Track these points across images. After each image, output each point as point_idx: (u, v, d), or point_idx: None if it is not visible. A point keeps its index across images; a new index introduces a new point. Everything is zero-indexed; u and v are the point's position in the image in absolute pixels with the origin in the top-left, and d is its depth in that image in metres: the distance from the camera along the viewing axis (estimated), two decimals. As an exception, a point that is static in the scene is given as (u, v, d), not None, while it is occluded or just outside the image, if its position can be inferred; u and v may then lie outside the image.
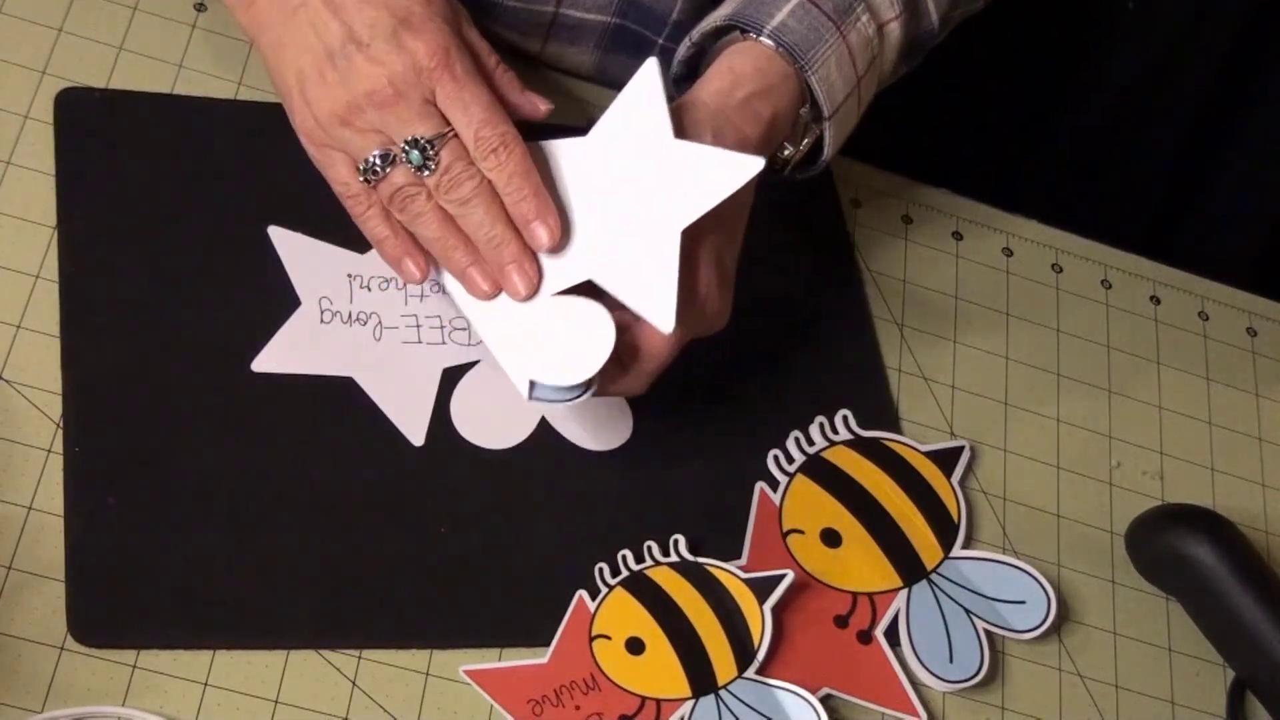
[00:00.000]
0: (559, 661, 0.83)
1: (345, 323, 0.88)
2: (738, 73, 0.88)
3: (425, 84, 0.82)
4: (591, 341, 0.82)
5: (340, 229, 0.90)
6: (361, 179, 0.83)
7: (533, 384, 0.83)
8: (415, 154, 0.82)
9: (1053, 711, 0.91)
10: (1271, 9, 1.43)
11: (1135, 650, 0.95)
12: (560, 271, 0.83)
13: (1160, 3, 1.43)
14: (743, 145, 0.86)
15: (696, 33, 0.92)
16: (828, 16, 0.89)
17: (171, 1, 0.95)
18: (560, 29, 1.01)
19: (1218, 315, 1.10)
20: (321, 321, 0.88)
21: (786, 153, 0.91)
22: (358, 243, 0.90)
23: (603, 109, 0.84)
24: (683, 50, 0.93)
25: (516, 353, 0.83)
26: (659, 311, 0.81)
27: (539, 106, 0.87)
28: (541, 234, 0.82)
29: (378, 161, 0.82)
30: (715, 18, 0.91)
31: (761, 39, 0.88)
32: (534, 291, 0.83)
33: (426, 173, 0.82)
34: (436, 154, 0.82)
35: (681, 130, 0.84)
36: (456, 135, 0.82)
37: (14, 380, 0.82)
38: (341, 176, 0.84)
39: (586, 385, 0.82)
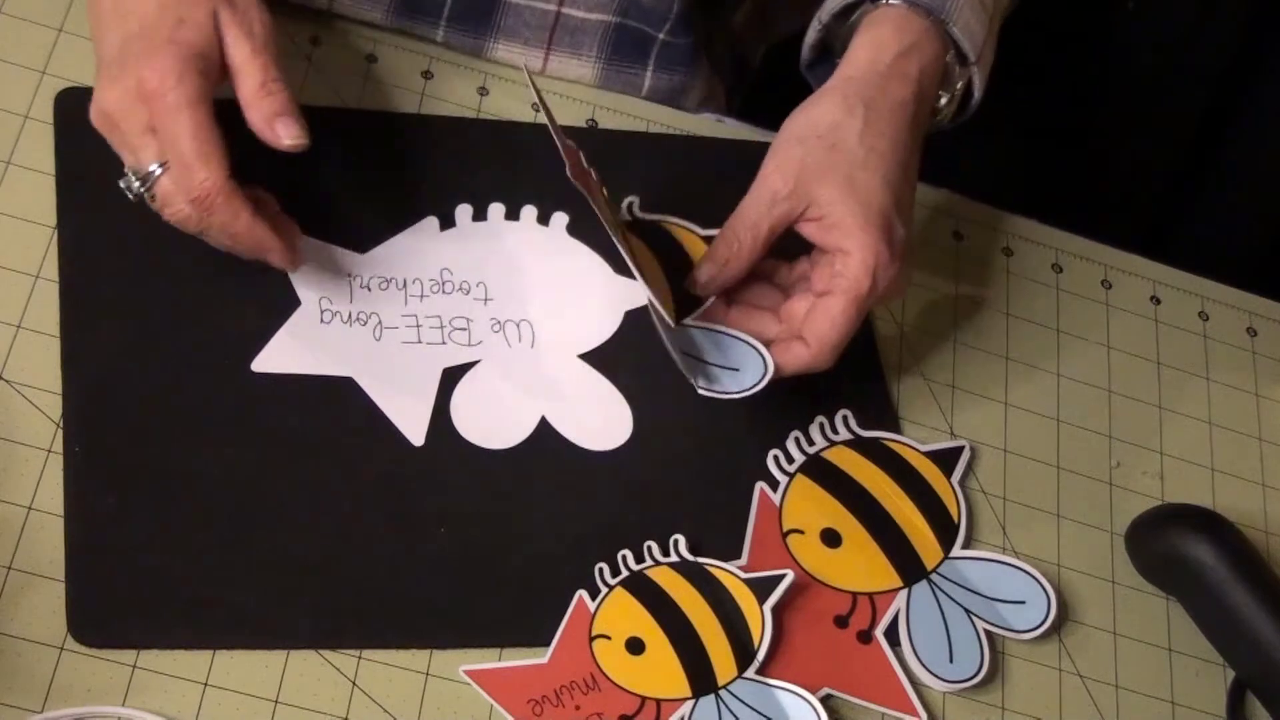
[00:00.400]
0: (559, 661, 0.83)
1: (345, 323, 0.88)
2: (880, 41, 0.90)
3: (143, 109, 0.80)
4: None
5: (340, 229, 0.90)
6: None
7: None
8: (137, 184, 0.82)
9: (1053, 711, 0.91)
10: (1271, 9, 1.43)
11: (1135, 650, 0.95)
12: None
13: (1160, 3, 1.43)
14: (900, 107, 0.89)
15: (825, 13, 0.94)
16: None
17: (171, 1, 0.95)
18: (563, 31, 1.01)
19: (1218, 315, 1.10)
20: (321, 321, 0.88)
21: (943, 102, 0.93)
22: (358, 243, 0.91)
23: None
24: (812, 34, 0.95)
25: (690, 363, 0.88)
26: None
27: (281, 139, 0.83)
28: (276, 260, 0.84)
29: (136, 184, 0.82)
30: None
31: (893, 2, 0.90)
32: (296, 265, 0.86)
33: (153, 202, 0.81)
34: (152, 187, 0.81)
35: (838, 110, 0.88)
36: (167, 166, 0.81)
37: (14, 380, 0.82)
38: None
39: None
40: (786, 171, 0.88)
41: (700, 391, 0.88)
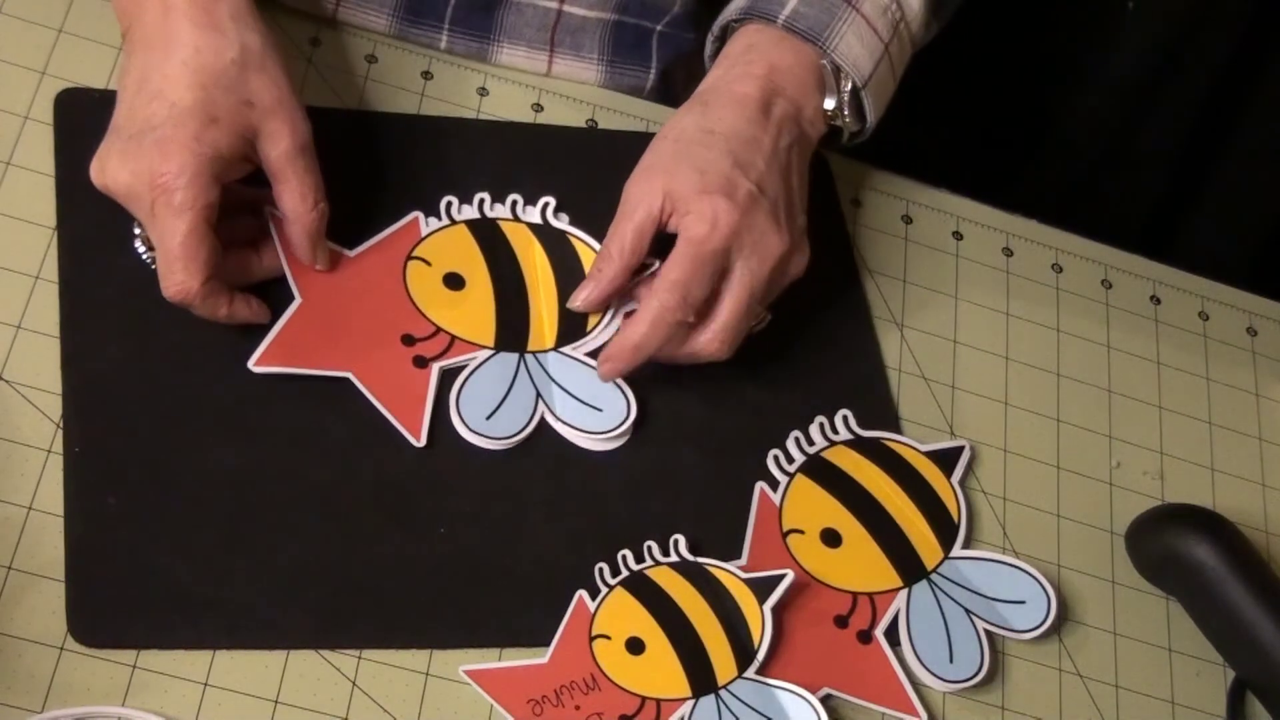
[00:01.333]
0: (559, 661, 0.83)
1: (345, 323, 0.88)
2: (730, 52, 0.94)
3: (150, 196, 0.81)
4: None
5: (339, 229, 0.90)
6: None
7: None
8: (144, 248, 0.85)
9: (1053, 711, 0.91)
10: (1272, 9, 1.42)
11: (1135, 650, 0.95)
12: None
13: (1160, 3, 1.43)
14: (742, 99, 0.91)
15: (716, 26, 0.96)
16: None
17: (171, 1, 0.95)
18: (564, 31, 1.02)
19: (1218, 315, 1.10)
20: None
21: (829, 105, 0.94)
22: (356, 242, 0.91)
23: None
24: (709, 47, 0.98)
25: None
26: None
27: (315, 264, 0.87)
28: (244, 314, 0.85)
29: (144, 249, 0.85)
30: (731, 10, 0.95)
31: (777, 27, 0.93)
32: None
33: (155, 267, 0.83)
34: (154, 262, 0.84)
35: (680, 114, 0.90)
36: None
37: (14, 380, 0.82)
38: None
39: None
40: (638, 177, 0.90)
41: (556, 423, 0.89)
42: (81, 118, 0.89)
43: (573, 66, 1.03)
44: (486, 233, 0.83)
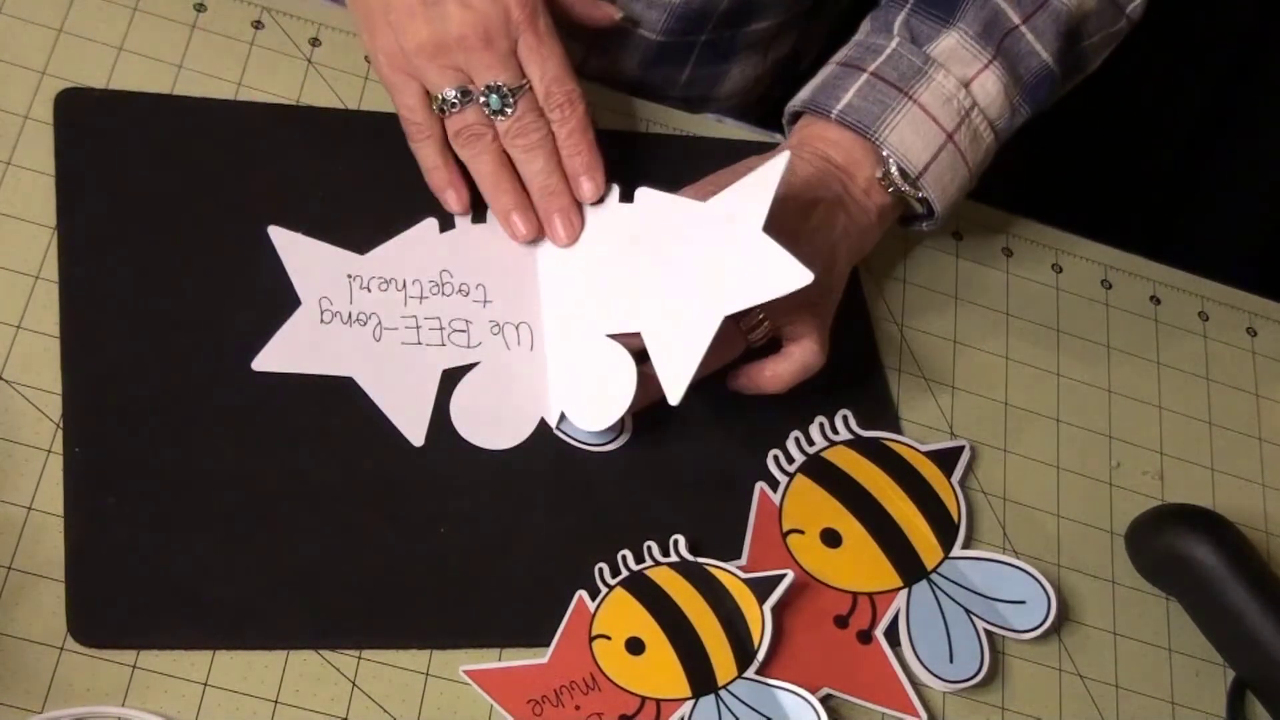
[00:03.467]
0: (559, 661, 0.83)
1: (345, 323, 0.88)
2: (797, 138, 0.97)
3: (511, 35, 0.89)
4: (615, 393, 0.87)
5: (340, 229, 0.90)
6: (436, 109, 0.90)
7: (562, 416, 0.88)
8: (494, 98, 0.90)
9: (1053, 711, 0.91)
10: (1273, 10, 1.43)
11: (1135, 650, 0.95)
12: (617, 315, 0.88)
13: (1161, 3, 1.43)
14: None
15: (787, 111, 0.99)
16: (893, 86, 0.94)
17: (171, 1, 0.95)
18: (608, 38, 1.04)
19: (1218, 315, 1.10)
20: (321, 321, 0.88)
21: (896, 189, 0.95)
22: (358, 243, 0.91)
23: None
24: (785, 128, 1.00)
25: (558, 382, 0.89)
26: (672, 383, 0.85)
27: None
28: (588, 188, 0.91)
29: (457, 97, 0.90)
30: (796, 101, 0.98)
31: (831, 120, 0.95)
32: (575, 239, 0.91)
33: (501, 117, 0.90)
34: (515, 101, 0.90)
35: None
36: (532, 88, 0.90)
37: (14, 380, 0.82)
38: (409, 103, 0.91)
39: (613, 433, 0.89)
40: None
41: (554, 429, 0.89)
42: (81, 118, 0.89)
43: (611, 64, 1.05)
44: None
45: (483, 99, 0.90)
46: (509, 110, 0.90)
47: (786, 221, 0.90)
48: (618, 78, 1.05)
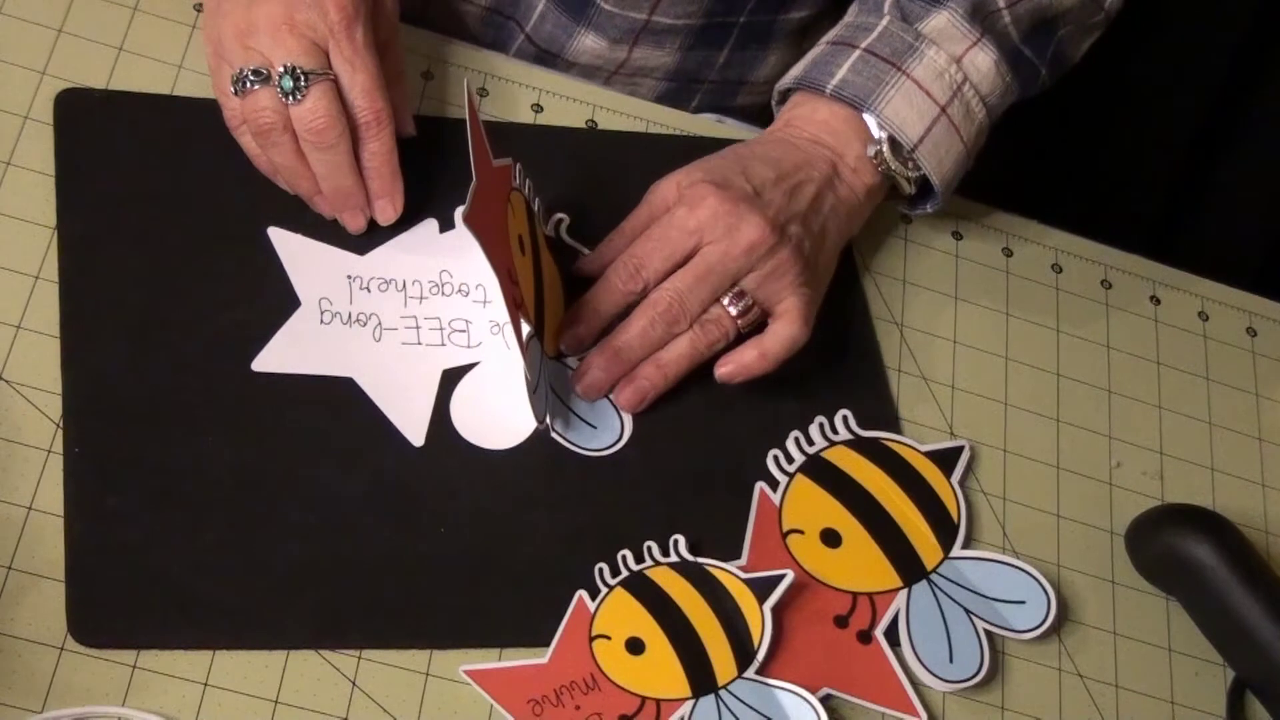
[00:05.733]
0: (559, 661, 0.83)
1: (345, 323, 0.88)
2: (789, 114, 0.98)
3: (322, 35, 0.86)
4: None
5: (340, 230, 0.90)
6: (234, 90, 0.87)
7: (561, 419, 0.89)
8: (287, 79, 0.86)
9: (1053, 711, 0.91)
10: (1274, 9, 1.42)
11: (1135, 650, 0.95)
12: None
13: (1161, 3, 1.43)
14: (767, 137, 0.96)
15: (776, 90, 1.00)
16: (886, 61, 0.95)
17: (171, 2, 0.95)
18: (648, 34, 1.05)
19: (1218, 315, 1.10)
20: (321, 322, 0.88)
21: (885, 168, 0.97)
22: (357, 244, 0.91)
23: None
24: (774, 107, 1.02)
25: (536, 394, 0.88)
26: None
27: (406, 128, 0.93)
28: (388, 211, 0.90)
29: (250, 76, 0.86)
30: (787, 79, 0.99)
31: (825, 95, 0.96)
32: (363, 229, 0.90)
33: (292, 100, 0.86)
34: (308, 87, 0.86)
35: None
36: (335, 80, 0.87)
37: (14, 380, 0.82)
38: (222, 87, 0.89)
39: (613, 435, 0.90)
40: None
41: (551, 433, 0.89)
42: (81, 118, 0.89)
43: (650, 53, 1.07)
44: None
45: (276, 80, 0.86)
46: (299, 95, 0.85)
47: (776, 203, 0.92)
48: (655, 65, 1.08)
